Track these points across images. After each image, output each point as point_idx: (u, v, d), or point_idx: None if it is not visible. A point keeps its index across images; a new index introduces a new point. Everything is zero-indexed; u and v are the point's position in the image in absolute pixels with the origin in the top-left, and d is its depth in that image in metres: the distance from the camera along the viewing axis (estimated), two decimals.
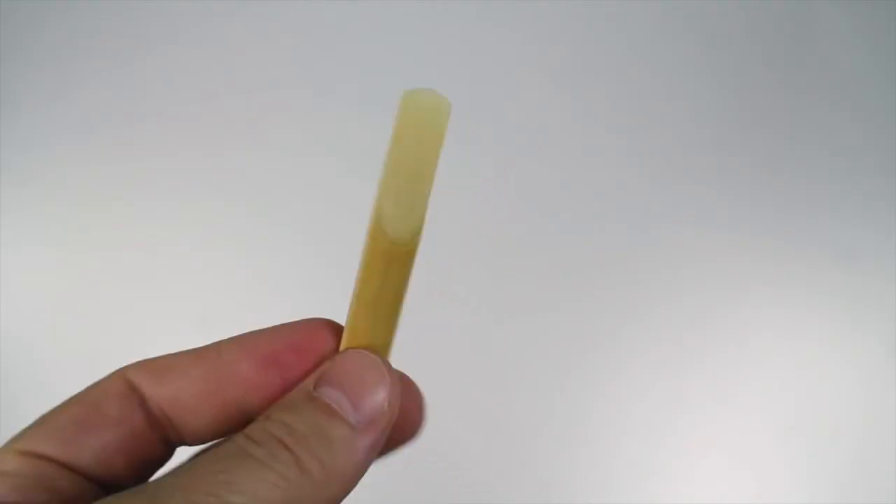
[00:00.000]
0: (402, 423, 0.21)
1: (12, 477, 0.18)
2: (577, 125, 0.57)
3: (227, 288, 0.53)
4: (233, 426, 0.21)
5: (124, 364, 0.21)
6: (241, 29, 0.58)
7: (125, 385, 0.20)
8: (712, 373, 0.52)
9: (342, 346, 0.21)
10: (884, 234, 0.55)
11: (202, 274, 0.53)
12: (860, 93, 0.59)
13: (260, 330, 0.21)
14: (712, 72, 0.59)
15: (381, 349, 0.21)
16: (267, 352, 0.20)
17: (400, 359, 0.19)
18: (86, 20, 0.58)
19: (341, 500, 0.18)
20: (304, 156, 0.56)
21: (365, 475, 0.19)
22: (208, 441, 0.21)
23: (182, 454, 0.20)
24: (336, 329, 0.21)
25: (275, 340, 0.21)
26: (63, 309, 0.52)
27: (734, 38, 0.60)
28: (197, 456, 0.18)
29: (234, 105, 0.56)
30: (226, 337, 0.21)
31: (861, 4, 0.60)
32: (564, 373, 0.52)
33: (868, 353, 0.53)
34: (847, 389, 0.53)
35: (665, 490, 0.49)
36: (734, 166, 0.57)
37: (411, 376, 0.23)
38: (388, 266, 0.20)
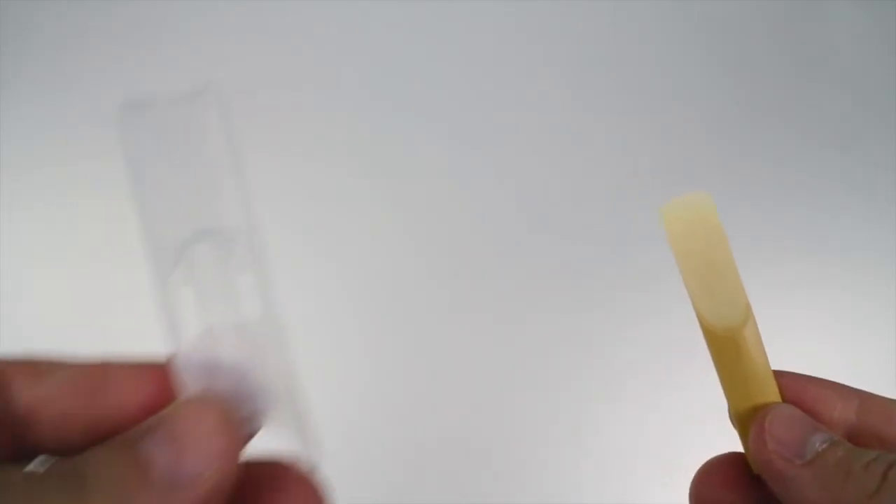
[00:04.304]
0: None
1: None
2: (580, 124, 0.57)
3: None
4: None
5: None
6: (242, 26, 0.58)
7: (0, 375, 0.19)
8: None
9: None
10: (891, 233, 0.55)
11: None
12: (868, 91, 0.58)
13: (150, 363, 0.20)
14: (715, 71, 0.59)
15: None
16: (158, 382, 0.19)
17: (402, 359, 0.19)
18: (85, 17, 0.58)
19: None
20: (304, 156, 0.56)
21: (371, 475, 0.18)
22: (68, 453, 0.20)
23: None
24: None
25: (160, 378, 0.19)
26: (62, 307, 0.52)
27: (741, 37, 0.60)
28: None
29: (238, 106, 0.56)
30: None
31: (871, 3, 0.60)
32: (569, 375, 0.52)
33: (869, 354, 0.53)
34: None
35: (667, 492, 0.49)
36: (739, 166, 0.56)
37: (414, 377, 0.23)
38: (739, 348, 0.21)
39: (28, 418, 0.19)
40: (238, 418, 0.18)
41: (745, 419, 0.21)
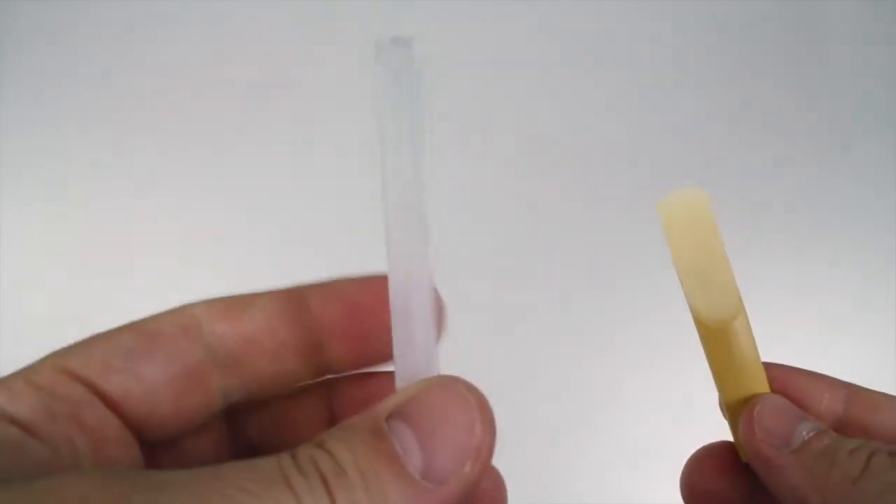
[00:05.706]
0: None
1: (42, 394, 0.16)
2: (579, 123, 0.57)
3: (221, 286, 0.52)
4: (307, 376, 0.19)
5: None
6: (241, 22, 0.58)
7: (190, 319, 0.18)
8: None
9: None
10: (891, 234, 0.55)
11: (196, 272, 0.53)
12: (868, 91, 0.58)
13: (346, 278, 0.20)
14: (715, 71, 0.59)
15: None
16: (355, 300, 0.19)
17: None
18: (84, 17, 0.58)
19: None
20: (301, 154, 0.56)
21: None
22: (274, 392, 0.19)
23: None
24: None
25: (363, 290, 0.20)
26: (62, 307, 0.52)
27: (742, 37, 0.60)
28: (232, 463, 0.16)
29: (231, 101, 0.56)
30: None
31: (872, 3, 0.60)
32: (569, 375, 0.52)
33: (868, 354, 0.53)
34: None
35: (668, 491, 0.49)
36: (738, 166, 0.56)
37: None
38: (730, 340, 0.21)
39: (229, 361, 0.18)
40: (489, 404, 0.16)
41: (735, 409, 0.22)
